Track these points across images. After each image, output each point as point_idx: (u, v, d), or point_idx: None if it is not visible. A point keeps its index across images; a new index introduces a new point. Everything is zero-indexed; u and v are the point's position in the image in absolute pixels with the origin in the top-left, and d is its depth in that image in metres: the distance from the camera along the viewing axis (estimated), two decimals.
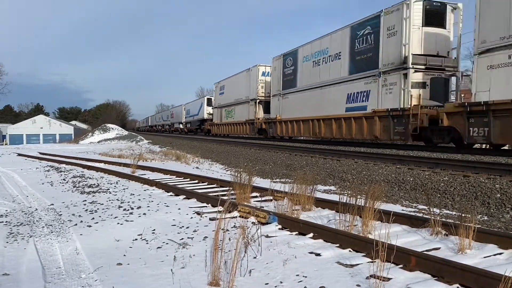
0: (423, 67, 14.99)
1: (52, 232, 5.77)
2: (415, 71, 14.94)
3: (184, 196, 8.51)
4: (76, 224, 6.26)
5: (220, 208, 6.01)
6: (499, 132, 11.52)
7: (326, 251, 4.62)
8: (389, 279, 3.71)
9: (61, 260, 4.55)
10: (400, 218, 5.78)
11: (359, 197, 5.86)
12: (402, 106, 15.08)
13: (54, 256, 4.72)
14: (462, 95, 16.20)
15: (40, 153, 25.78)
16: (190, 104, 53.49)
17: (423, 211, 7.07)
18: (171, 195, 8.86)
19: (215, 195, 8.00)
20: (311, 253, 4.61)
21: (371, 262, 4.15)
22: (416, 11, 14.81)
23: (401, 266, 4.04)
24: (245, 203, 7.13)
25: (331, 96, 19.70)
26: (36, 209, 7.58)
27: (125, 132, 55.82)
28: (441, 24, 15.19)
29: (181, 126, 55.24)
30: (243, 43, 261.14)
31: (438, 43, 15.25)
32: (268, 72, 29.03)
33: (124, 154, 23.57)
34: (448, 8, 15.32)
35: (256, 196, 8.04)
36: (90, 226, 6.14)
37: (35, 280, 3.92)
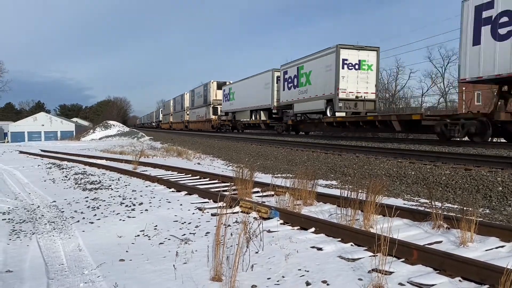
0: (216, 103, 40.40)
1: (54, 229, 5.79)
2: (213, 106, 40.74)
3: (186, 192, 8.52)
4: (78, 221, 6.28)
5: (222, 204, 6.02)
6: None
7: (328, 245, 4.62)
8: (391, 272, 3.72)
9: (64, 257, 4.56)
10: (401, 212, 5.78)
11: (360, 191, 5.87)
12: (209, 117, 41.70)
13: (57, 252, 4.74)
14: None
15: (42, 151, 25.80)
16: (157, 112, 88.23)
17: (424, 205, 7.07)
18: (172, 191, 8.87)
19: (216, 191, 8.01)
20: (313, 247, 4.62)
21: (373, 256, 4.15)
22: (213, 86, 40.52)
23: (403, 259, 4.04)
24: (247, 198, 7.14)
25: (198, 112, 46.24)
26: (39, 206, 7.60)
27: (127, 129, 55.87)
28: (221, 88, 39.90)
29: (153, 124, 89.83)
30: (244, 38, 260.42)
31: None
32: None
33: (126, 150, 23.60)
34: (227, 83, 38.91)
35: (257, 191, 8.06)
36: (92, 222, 6.16)
37: (38, 277, 3.93)
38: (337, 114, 20.27)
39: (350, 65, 19.58)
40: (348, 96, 19.67)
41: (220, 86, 39.97)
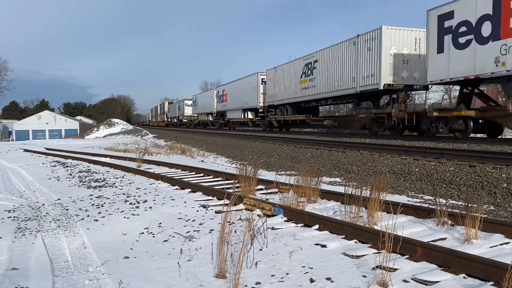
0: (167, 112, 75.41)
1: (59, 227, 5.83)
2: (166, 114, 76.33)
3: (190, 190, 8.53)
4: (83, 219, 6.31)
5: (226, 201, 6.04)
6: None
7: (332, 242, 4.62)
8: (395, 269, 3.72)
9: (69, 254, 4.59)
10: (406, 209, 5.76)
11: (364, 188, 5.85)
12: (164, 119, 77.60)
13: (61, 250, 4.77)
14: None
15: (46, 149, 25.93)
16: (149, 114, 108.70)
17: (429, 202, 7.05)
18: (176, 189, 8.89)
19: (220, 188, 8.03)
20: (316, 244, 4.62)
21: (377, 253, 4.15)
22: (166, 103, 76.64)
23: (407, 256, 4.04)
24: (251, 196, 7.15)
25: (162, 117, 79.61)
26: (43, 204, 7.64)
27: (130, 127, 56.02)
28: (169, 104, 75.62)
29: (147, 122, 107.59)
30: (247, 35, 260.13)
31: None
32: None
33: (130, 148, 23.67)
34: (173, 102, 73.36)
35: (261, 189, 8.06)
36: (97, 220, 6.19)
37: (44, 274, 3.96)
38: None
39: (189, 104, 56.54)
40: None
41: (169, 103, 74.15)
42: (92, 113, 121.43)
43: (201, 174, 11.18)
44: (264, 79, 28.39)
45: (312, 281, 3.60)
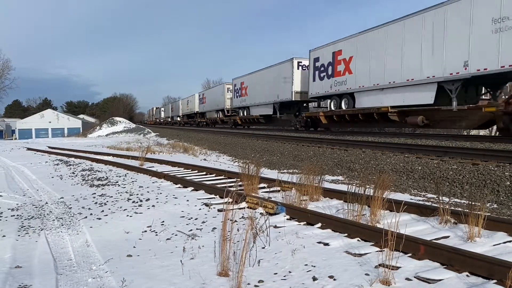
0: (153, 114, 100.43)
1: (62, 225, 5.84)
2: (153, 115, 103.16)
3: (192, 188, 8.54)
4: (86, 217, 6.33)
5: (229, 199, 6.04)
6: None
7: (335, 240, 4.62)
8: (398, 267, 3.72)
9: (72, 253, 4.61)
10: (408, 207, 5.76)
11: (367, 186, 5.85)
12: (154, 119, 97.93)
13: (65, 248, 4.78)
14: None
15: (49, 147, 26.00)
16: (146, 115, 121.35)
17: (432, 200, 7.04)
18: (179, 187, 8.90)
19: (223, 187, 8.03)
20: (319, 242, 4.62)
21: (379, 251, 4.15)
22: (154, 108, 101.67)
23: (410, 255, 4.03)
24: (253, 194, 7.15)
25: (151, 117, 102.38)
26: (47, 203, 7.67)
27: (133, 125, 56.07)
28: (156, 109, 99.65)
29: (145, 121, 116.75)
30: (250, 34, 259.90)
31: None
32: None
33: (132, 147, 23.70)
34: (157, 107, 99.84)
35: (263, 187, 8.06)
36: (99, 218, 6.20)
37: (47, 272, 3.97)
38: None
39: None
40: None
41: (156, 108, 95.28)
42: (94, 112, 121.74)
43: (204, 173, 11.18)
44: (184, 102, 58.35)
45: (314, 279, 3.60)
